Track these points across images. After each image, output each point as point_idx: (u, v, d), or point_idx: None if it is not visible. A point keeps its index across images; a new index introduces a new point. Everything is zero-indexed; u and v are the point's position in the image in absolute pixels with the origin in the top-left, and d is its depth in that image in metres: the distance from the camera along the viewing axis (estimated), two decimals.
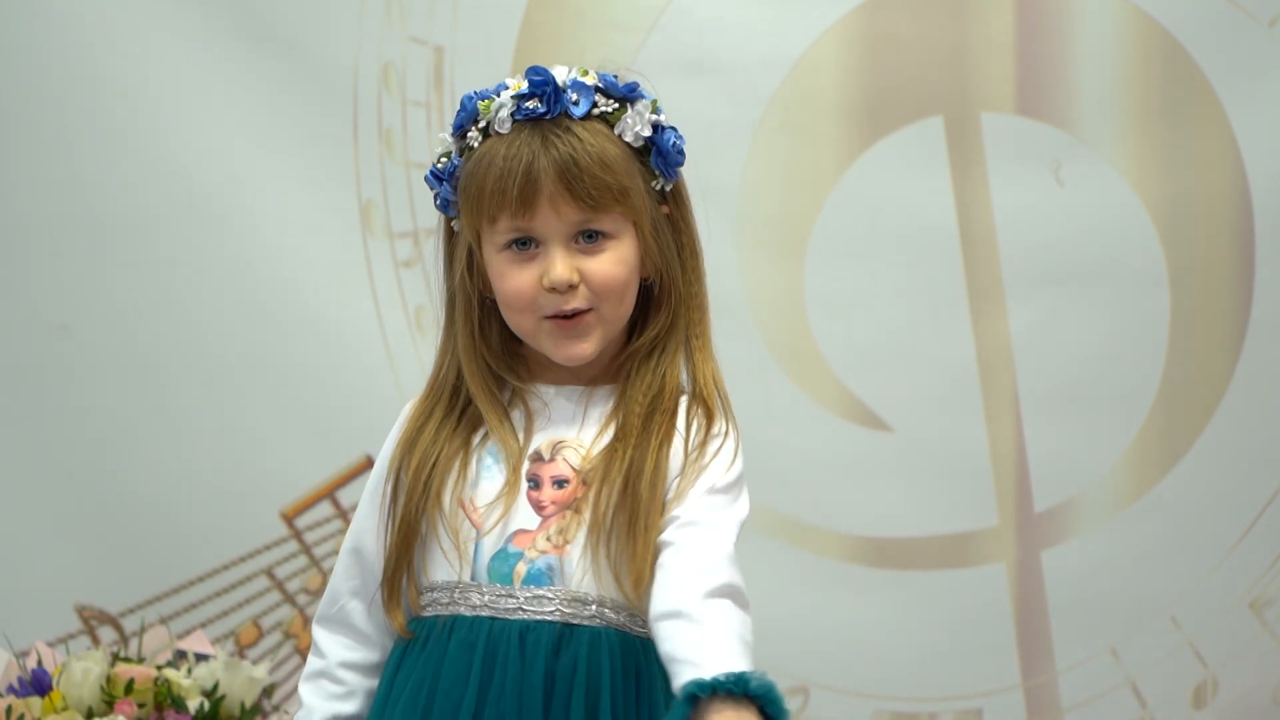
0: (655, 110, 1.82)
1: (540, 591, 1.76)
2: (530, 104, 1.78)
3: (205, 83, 3.07)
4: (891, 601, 3.04)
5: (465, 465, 1.80)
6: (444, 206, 1.85)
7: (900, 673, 3.05)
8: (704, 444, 1.79)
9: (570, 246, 1.77)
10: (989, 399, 3.05)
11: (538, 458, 1.80)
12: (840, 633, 3.03)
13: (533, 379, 1.84)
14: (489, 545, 1.77)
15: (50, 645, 2.91)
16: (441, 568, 1.79)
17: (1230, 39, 3.00)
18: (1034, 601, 3.06)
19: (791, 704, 3.03)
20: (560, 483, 1.78)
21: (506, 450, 1.79)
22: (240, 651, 3.10)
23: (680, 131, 1.83)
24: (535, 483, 1.79)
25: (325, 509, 3.11)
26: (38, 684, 2.75)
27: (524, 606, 1.76)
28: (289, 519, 3.11)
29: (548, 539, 1.77)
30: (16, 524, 3.10)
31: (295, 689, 3.10)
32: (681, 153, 1.83)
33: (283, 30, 3.07)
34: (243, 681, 2.80)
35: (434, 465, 1.80)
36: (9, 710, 2.72)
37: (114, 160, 3.07)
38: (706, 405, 1.82)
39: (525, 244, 1.78)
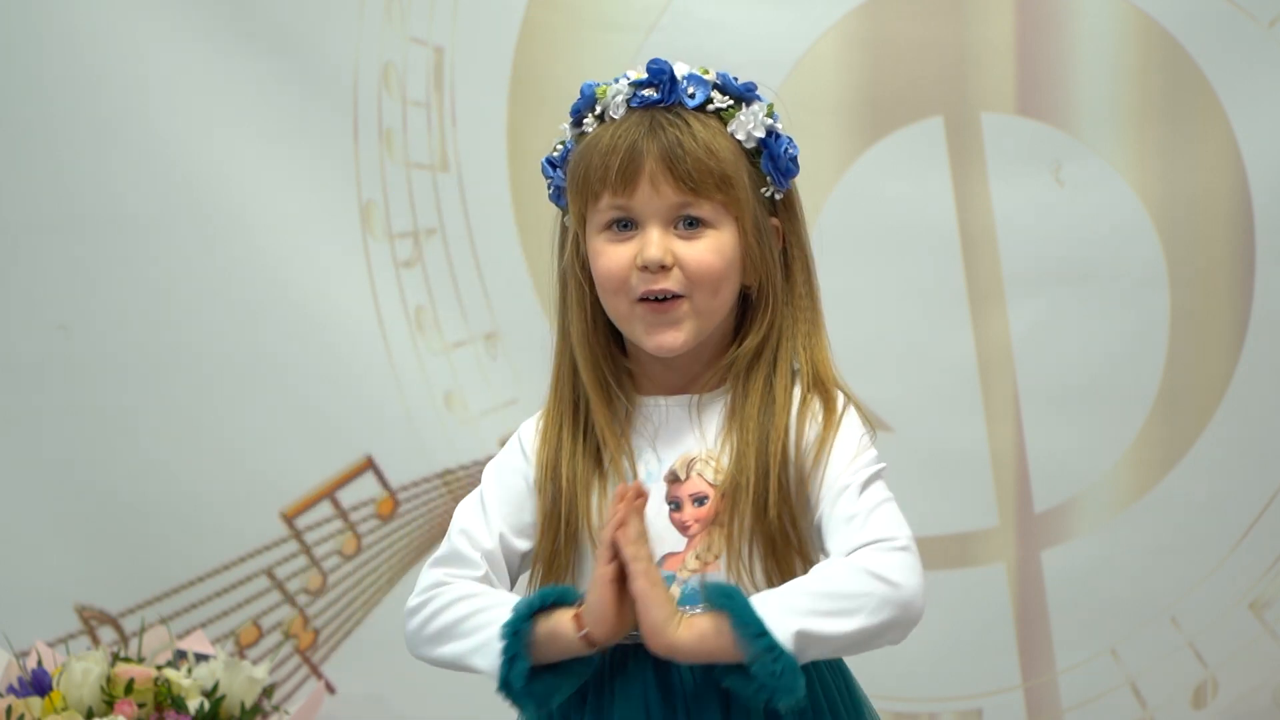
0: (771, 114, 1.82)
1: (697, 610, 1.73)
2: (646, 91, 1.79)
3: (206, 83, 3.07)
4: None
5: (604, 494, 1.79)
6: (556, 196, 1.85)
7: (900, 673, 3.04)
8: (826, 429, 1.79)
9: (669, 230, 1.77)
10: (989, 399, 3.05)
11: (674, 478, 1.79)
12: None
13: (641, 392, 1.83)
14: None
15: (50, 645, 2.92)
16: None
17: (1230, 39, 3.00)
18: (1034, 601, 3.06)
19: None
20: (700, 500, 1.78)
21: (627, 473, 1.79)
22: (240, 651, 3.10)
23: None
24: (676, 504, 1.78)
25: (325, 509, 3.11)
26: (38, 684, 2.75)
27: None
28: (289, 519, 3.11)
29: (696, 557, 1.77)
30: (16, 524, 3.10)
31: (295, 689, 3.10)
32: (795, 161, 1.82)
33: (283, 30, 3.07)
34: (243, 681, 2.80)
35: (576, 494, 1.79)
36: (9, 710, 2.72)
37: (114, 161, 3.07)
38: (825, 392, 1.81)
39: (625, 225, 1.78)
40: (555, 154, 1.84)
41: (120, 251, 3.09)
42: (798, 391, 1.81)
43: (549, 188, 1.86)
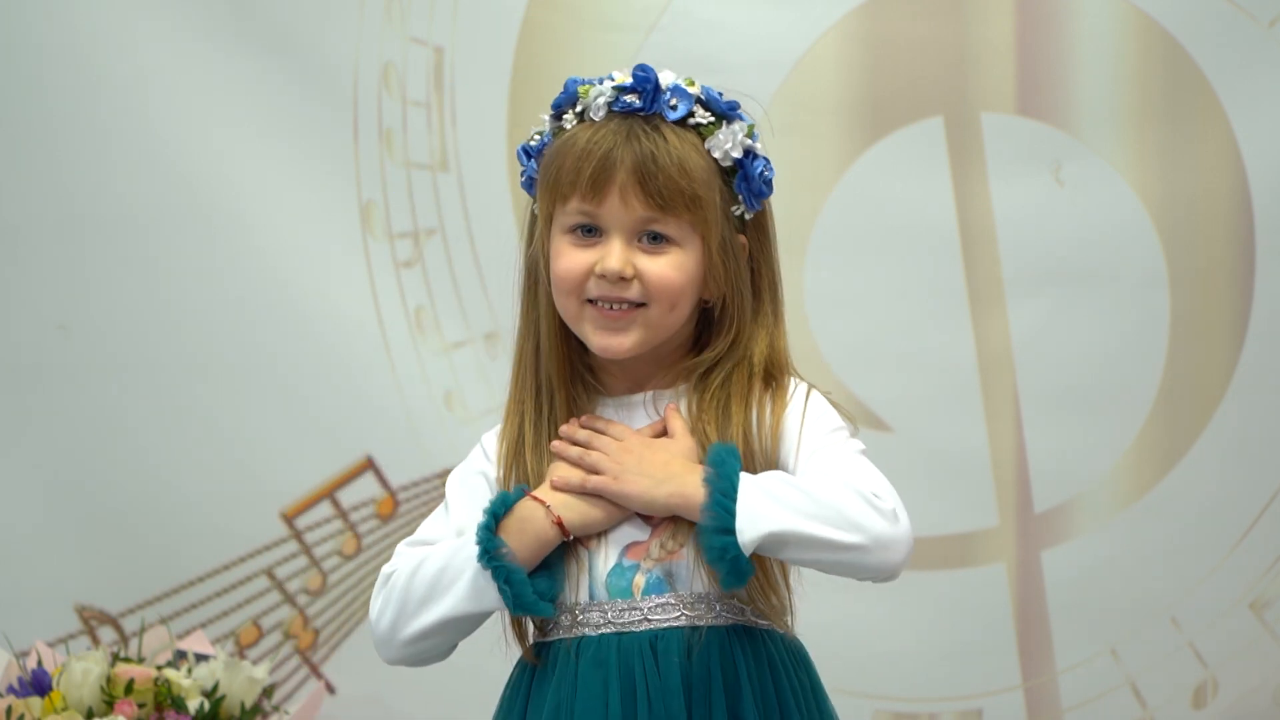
0: (751, 135, 1.80)
1: (662, 599, 1.75)
2: (628, 97, 1.77)
3: (206, 83, 3.07)
4: (891, 601, 3.04)
5: None
6: (528, 185, 1.84)
7: (900, 673, 3.05)
8: (782, 414, 1.79)
9: (632, 242, 1.76)
10: (989, 399, 3.05)
11: None
12: (840, 633, 3.03)
13: (602, 391, 1.83)
14: (602, 562, 1.76)
15: (50, 645, 2.92)
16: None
17: (1230, 39, 3.00)
18: (1034, 601, 3.06)
19: None
20: None
21: None
22: (240, 651, 3.10)
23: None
24: None
25: (325, 509, 3.11)
26: (38, 684, 2.75)
27: (649, 617, 1.75)
28: (289, 519, 3.11)
29: (661, 546, 1.76)
30: (16, 524, 3.10)
31: (295, 689, 3.10)
32: (769, 184, 1.80)
33: (283, 30, 3.07)
34: (243, 681, 2.80)
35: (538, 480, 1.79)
36: (9, 710, 2.72)
37: (114, 161, 3.07)
38: (775, 379, 1.81)
39: (590, 231, 1.77)
40: (532, 144, 1.83)
41: (120, 251, 3.09)
42: (755, 386, 1.81)
43: (522, 175, 1.84)
